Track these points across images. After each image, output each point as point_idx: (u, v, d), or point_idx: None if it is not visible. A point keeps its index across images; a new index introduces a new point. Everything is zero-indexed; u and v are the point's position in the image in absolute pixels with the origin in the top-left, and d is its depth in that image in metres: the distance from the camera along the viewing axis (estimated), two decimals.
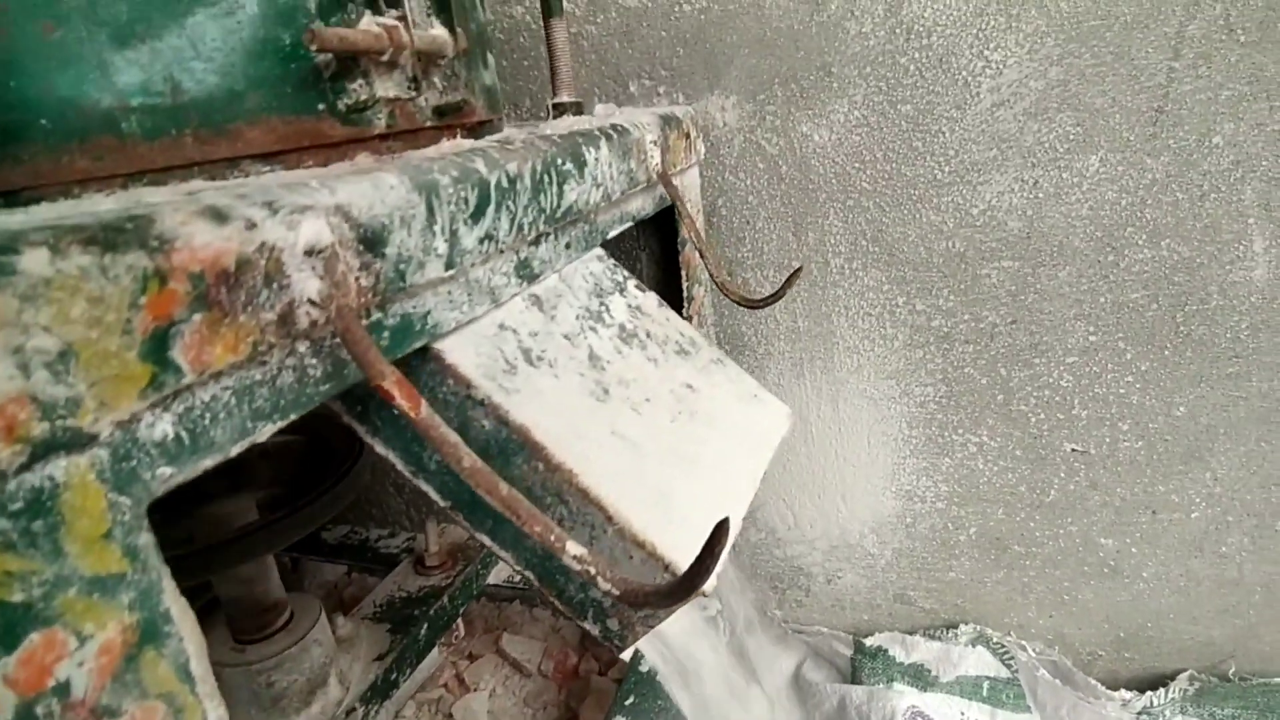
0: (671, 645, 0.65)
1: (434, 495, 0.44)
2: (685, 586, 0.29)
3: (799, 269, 0.64)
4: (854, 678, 1.02)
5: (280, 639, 0.72)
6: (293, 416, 0.31)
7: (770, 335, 0.92)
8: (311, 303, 0.30)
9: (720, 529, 0.28)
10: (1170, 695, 0.89)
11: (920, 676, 0.99)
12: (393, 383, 0.31)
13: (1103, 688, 0.90)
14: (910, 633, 0.99)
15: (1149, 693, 0.89)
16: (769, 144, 0.84)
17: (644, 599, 0.30)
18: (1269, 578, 0.84)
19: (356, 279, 0.32)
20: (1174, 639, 0.90)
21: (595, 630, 0.43)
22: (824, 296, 0.88)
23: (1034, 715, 0.97)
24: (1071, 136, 0.75)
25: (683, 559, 0.40)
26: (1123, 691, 0.90)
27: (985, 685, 0.99)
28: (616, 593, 0.30)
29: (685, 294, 0.78)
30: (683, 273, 0.79)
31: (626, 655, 0.43)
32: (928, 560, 0.97)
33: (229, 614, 0.71)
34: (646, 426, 0.47)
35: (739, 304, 0.65)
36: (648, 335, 0.55)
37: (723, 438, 0.52)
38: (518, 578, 1.07)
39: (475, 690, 1.12)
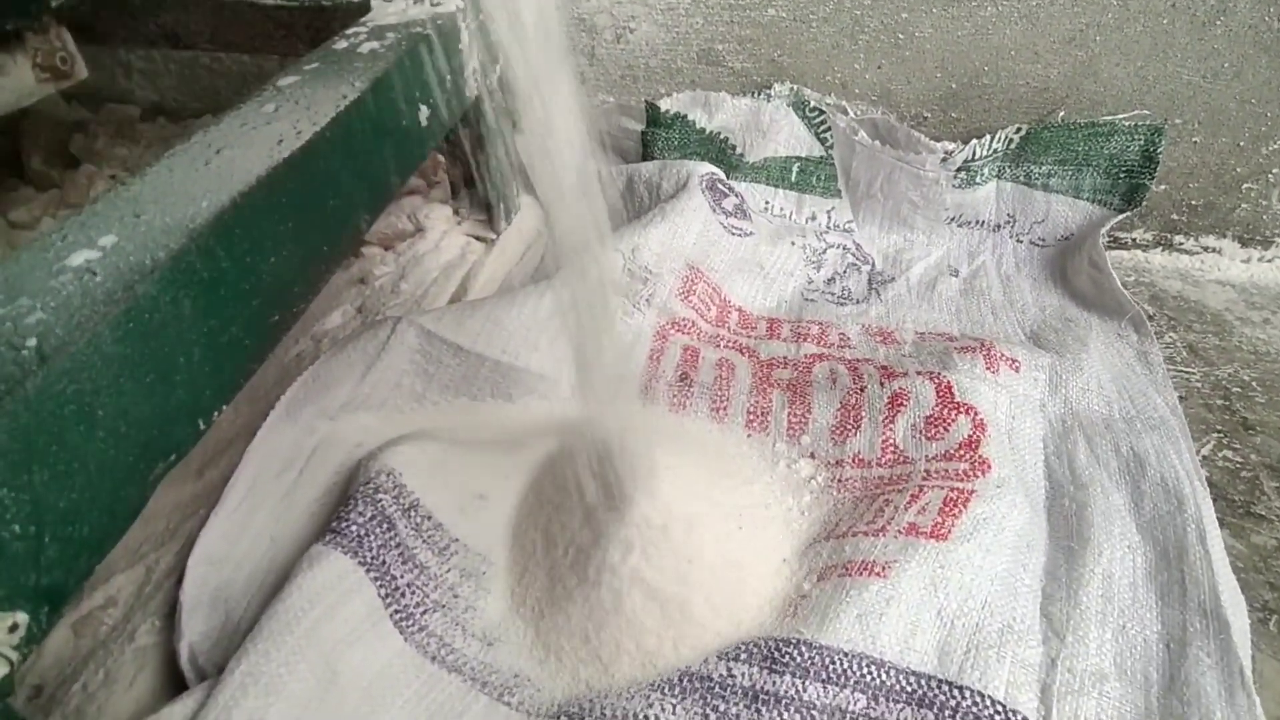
0: None
1: None
2: None
3: None
4: (645, 155, 0.84)
5: None
6: None
7: None
8: None
9: None
10: (994, 145, 0.78)
11: (724, 157, 0.83)
12: None
13: (925, 139, 0.77)
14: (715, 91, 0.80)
15: (973, 142, 0.77)
16: None
17: None
18: None
19: None
20: (1009, 87, 0.77)
21: None
22: None
23: (843, 199, 0.85)
24: None
25: None
26: (945, 143, 0.78)
27: (795, 168, 0.84)
28: None
29: None
30: None
31: None
32: None
33: None
34: None
35: None
36: None
37: None
38: None
39: None
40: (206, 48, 0.72)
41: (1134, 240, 0.86)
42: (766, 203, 0.85)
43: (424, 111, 0.56)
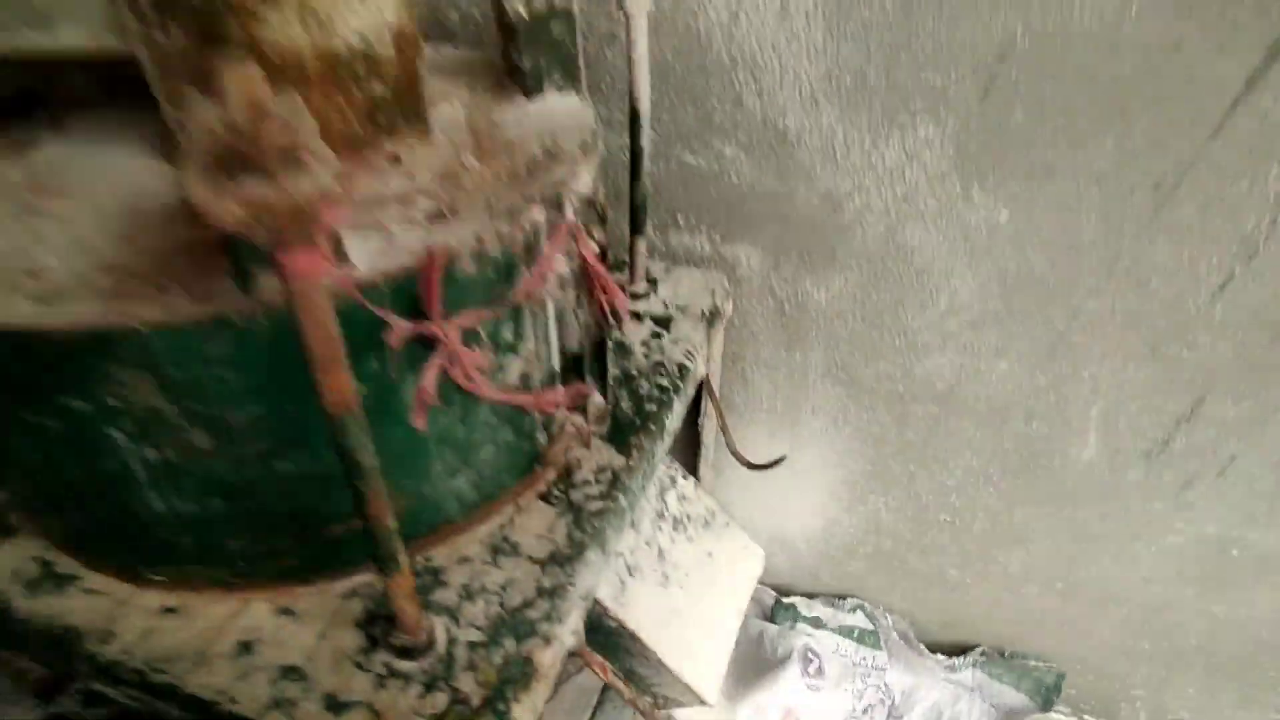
0: None
1: None
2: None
3: (783, 457, 0.97)
4: (771, 619, 1.49)
5: None
6: None
7: (754, 410, 1.25)
8: None
9: None
10: (969, 660, 1.38)
11: (815, 624, 1.47)
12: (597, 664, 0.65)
13: (927, 651, 1.39)
14: (812, 597, 1.45)
15: (955, 658, 1.38)
16: (779, 289, 1.12)
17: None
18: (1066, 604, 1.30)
19: None
20: (982, 626, 1.38)
21: None
22: (796, 398, 1.21)
23: (884, 653, 1.47)
24: (993, 346, 1.06)
25: (706, 688, 0.79)
26: (939, 656, 1.39)
27: (856, 632, 1.47)
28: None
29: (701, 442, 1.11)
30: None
31: None
32: (836, 559, 1.40)
33: None
34: (686, 597, 0.83)
35: (743, 464, 0.98)
36: (688, 518, 0.89)
37: (724, 591, 0.88)
38: None
39: None
40: None
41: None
42: (837, 645, 1.48)
43: None
